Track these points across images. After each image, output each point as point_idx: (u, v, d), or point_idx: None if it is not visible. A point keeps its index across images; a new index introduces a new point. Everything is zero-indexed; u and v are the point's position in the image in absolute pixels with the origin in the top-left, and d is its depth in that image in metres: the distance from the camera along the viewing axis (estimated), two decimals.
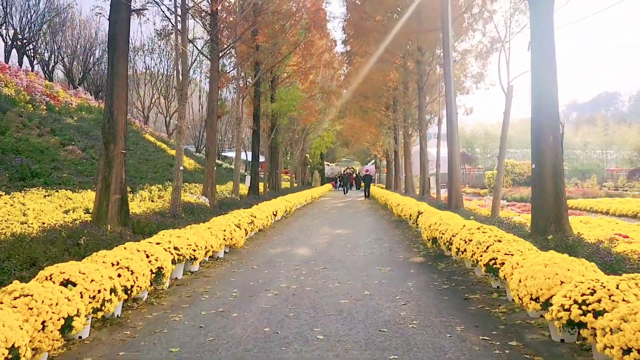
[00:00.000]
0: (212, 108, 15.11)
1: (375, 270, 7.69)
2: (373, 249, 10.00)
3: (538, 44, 7.97)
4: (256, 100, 21.95)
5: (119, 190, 8.96)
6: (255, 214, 12.13)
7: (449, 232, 7.60)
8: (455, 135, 14.52)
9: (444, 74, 15.01)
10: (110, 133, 8.86)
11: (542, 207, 7.80)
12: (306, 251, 9.93)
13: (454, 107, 14.47)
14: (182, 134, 12.41)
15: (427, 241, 8.94)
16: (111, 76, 8.97)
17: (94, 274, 4.63)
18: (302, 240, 11.61)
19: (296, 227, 14.80)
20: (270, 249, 10.35)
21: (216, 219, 9.84)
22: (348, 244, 10.86)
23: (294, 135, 38.22)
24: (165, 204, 12.56)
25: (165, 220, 10.33)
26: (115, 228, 8.46)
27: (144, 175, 16.49)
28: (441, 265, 7.85)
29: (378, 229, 13.67)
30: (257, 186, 21.94)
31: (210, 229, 8.69)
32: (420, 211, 11.53)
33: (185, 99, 12.33)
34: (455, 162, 14.41)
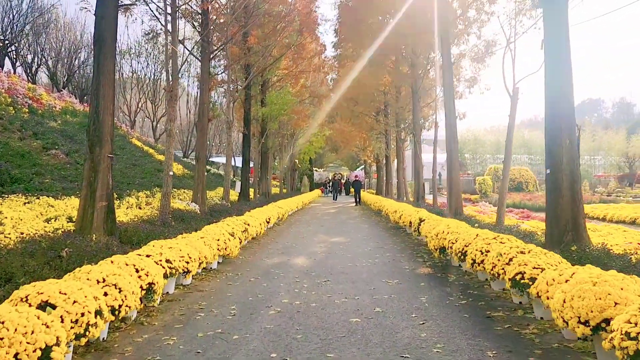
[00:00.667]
0: (203, 111, 14.53)
1: (382, 283, 7.18)
2: (375, 258, 9.49)
3: (552, 42, 7.57)
4: (247, 104, 21.40)
5: (105, 197, 8.35)
6: (248, 222, 11.56)
7: (461, 241, 7.12)
8: (455, 139, 14.12)
9: (442, 76, 14.63)
10: (95, 135, 8.26)
11: (557, 215, 7.37)
12: (304, 261, 9.38)
13: (453, 110, 14.08)
14: (171, 137, 11.82)
15: (433, 250, 8.46)
16: (97, 74, 8.38)
17: (76, 294, 4.05)
18: (299, 249, 11.06)
19: (290, 234, 14.25)
20: (265, 258, 9.79)
21: (209, 228, 9.27)
22: (347, 253, 10.34)
23: (283, 140, 37.68)
24: (154, 211, 11.94)
25: (154, 228, 9.72)
26: (100, 238, 7.85)
27: (131, 181, 15.82)
28: (452, 277, 7.36)
29: (376, 237, 13.17)
30: (247, 192, 21.36)
31: (203, 238, 8.12)
32: (421, 218, 11.07)
33: (175, 101, 11.75)
34: (454, 167, 14.00)
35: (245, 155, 21.79)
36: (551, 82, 7.63)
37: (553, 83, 7.61)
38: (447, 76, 14.23)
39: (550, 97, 7.66)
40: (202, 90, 14.71)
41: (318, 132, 45.72)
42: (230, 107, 17.88)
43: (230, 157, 17.79)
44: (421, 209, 13.11)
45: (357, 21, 21.53)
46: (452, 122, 14.02)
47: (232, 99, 17.96)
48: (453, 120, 14.04)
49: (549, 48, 7.59)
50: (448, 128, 14.12)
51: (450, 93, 14.15)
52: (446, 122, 14.20)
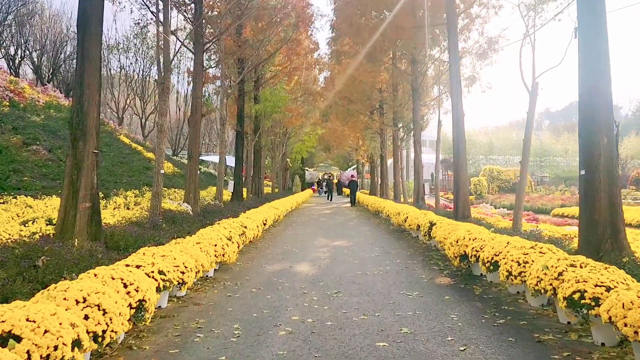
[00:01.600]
0: (196, 106, 13.66)
1: (401, 295, 6.42)
2: (385, 265, 8.72)
3: (588, 29, 6.86)
4: (240, 100, 20.55)
5: (90, 197, 7.49)
6: (245, 224, 10.75)
7: (489, 249, 6.38)
8: (462, 137, 13.41)
9: (449, 69, 13.90)
10: (79, 128, 7.39)
11: (594, 220, 6.65)
12: (308, 268, 8.60)
13: (461, 106, 13.36)
14: (163, 132, 10.97)
15: (452, 258, 7.72)
16: (81, 61, 7.50)
17: (48, 321, 3.23)
18: (300, 254, 10.27)
19: (288, 237, 13.45)
20: (265, 265, 8.99)
21: (204, 232, 8.45)
22: (353, 258, 9.57)
23: (275, 139, 36.88)
24: (144, 212, 11.07)
25: (144, 232, 8.86)
26: (83, 243, 6.99)
27: (119, 179, 14.91)
28: (478, 289, 6.62)
29: (380, 241, 12.42)
30: (240, 192, 20.51)
31: (199, 244, 7.30)
32: (432, 222, 10.33)
33: (167, 94, 10.90)
34: (462, 167, 13.29)
35: (239, 154, 20.94)
36: (586, 74, 6.92)
37: (588, 75, 6.89)
38: (454, 68, 13.52)
39: (584, 91, 6.94)
40: (195, 83, 13.86)
41: (311, 131, 45.01)
42: (224, 102, 17.02)
43: (223, 155, 16.95)
44: (428, 212, 12.39)
45: (355, 15, 20.79)
46: (459, 119, 13.31)
47: (225, 94, 17.10)
48: (460, 117, 13.33)
49: (584, 36, 6.88)
50: (455, 125, 13.41)
51: (457, 87, 13.44)
52: (453, 118, 13.49)
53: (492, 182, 39.33)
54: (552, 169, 55.02)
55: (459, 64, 13.83)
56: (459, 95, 13.50)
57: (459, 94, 13.50)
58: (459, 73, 13.64)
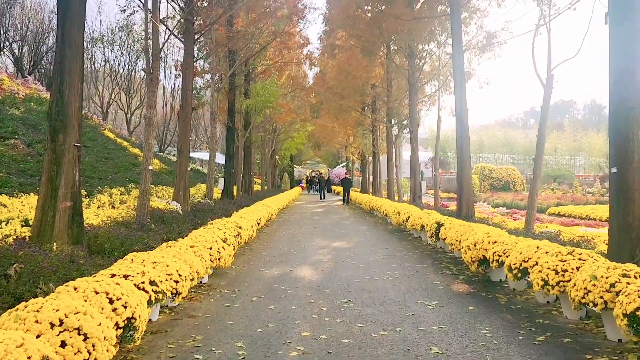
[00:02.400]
0: (186, 98, 12.90)
1: (419, 305, 5.80)
2: (393, 269, 8.11)
3: (620, 13, 6.29)
4: (231, 94, 19.78)
5: (71, 195, 6.74)
6: (240, 224, 10.06)
7: (515, 255, 5.78)
8: (466, 133, 12.85)
9: (453, 64, 13.33)
10: (59, 119, 6.63)
11: (627, 223, 6.09)
12: (311, 273, 7.95)
13: (464, 100, 12.79)
14: (151, 126, 10.22)
15: (469, 263, 7.11)
16: (61, 45, 6.74)
17: (12, 356, 2.54)
18: (299, 257, 9.61)
19: (284, 237, 12.78)
20: (263, 269, 8.32)
21: (198, 233, 7.75)
22: (357, 261, 8.94)
23: (265, 135, 36.13)
24: (130, 211, 10.32)
25: (131, 233, 8.13)
26: (63, 247, 6.25)
27: (103, 176, 14.09)
28: (502, 298, 6.02)
29: (382, 242, 11.80)
30: (231, 190, 19.77)
31: (193, 247, 6.60)
32: (439, 222, 9.74)
33: (156, 84, 10.15)
34: (465, 164, 12.73)
35: (229, 150, 20.17)
36: (618, 63, 6.35)
37: (620, 64, 6.33)
38: (457, 61, 12.95)
39: (616, 82, 6.38)
40: (185, 75, 13.10)
41: (300, 127, 44.33)
42: (214, 96, 16.26)
43: (214, 151, 16.20)
44: (432, 211, 11.81)
45: (350, 7, 20.14)
46: (462, 114, 12.75)
47: (216, 88, 16.35)
48: (464, 112, 12.77)
49: (618, 21, 6.31)
50: (458, 121, 12.84)
51: (460, 81, 12.88)
52: (456, 114, 12.93)
53: (484, 181, 39.06)
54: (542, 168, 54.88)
55: (462, 56, 13.26)
56: (463, 89, 12.94)
57: (462, 88, 12.94)
58: (462, 66, 13.06)
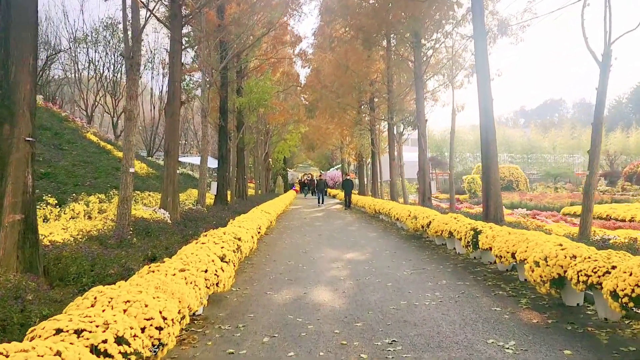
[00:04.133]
0: (174, 91, 11.32)
1: (492, 348, 4.27)
2: (432, 290, 6.58)
3: None
4: (223, 91, 18.20)
5: (21, 206, 5.15)
6: (239, 235, 8.49)
7: (624, 277, 4.28)
8: (492, 128, 11.42)
9: (475, 46, 11.87)
10: (3, 105, 5.04)
11: None
12: (330, 296, 6.40)
13: (489, 92, 11.34)
14: (132, 120, 8.63)
15: (539, 283, 5.58)
16: (6, 7, 5.15)
17: None
18: (311, 273, 8.07)
19: (288, 248, 11.22)
20: (271, 291, 6.77)
21: (189, 250, 6.18)
22: (383, 279, 7.41)
23: (258, 137, 34.57)
24: (109, 223, 8.72)
25: (106, 251, 6.53)
26: (10, 276, 4.66)
27: (81, 182, 12.45)
28: (600, 335, 4.52)
29: (401, 251, 10.27)
30: (225, 195, 18.18)
31: (184, 272, 5.04)
32: (475, 229, 8.25)
33: (137, 71, 8.57)
34: (492, 162, 11.29)
35: (222, 151, 18.58)
36: None
37: None
38: (479, 44, 11.50)
39: None
40: (172, 65, 11.51)
41: (293, 129, 42.89)
42: (205, 91, 14.68)
43: (206, 152, 14.61)
44: (459, 215, 10.31)
45: None
46: (487, 105, 11.30)
47: (207, 82, 14.77)
48: (489, 103, 11.32)
49: None
50: (483, 113, 11.38)
51: (484, 67, 11.43)
52: (480, 105, 11.47)
53: None
54: (540, 166, 53.79)
55: (485, 36, 11.79)
56: (487, 77, 11.49)
57: (486, 76, 11.49)
58: (486, 50, 11.60)
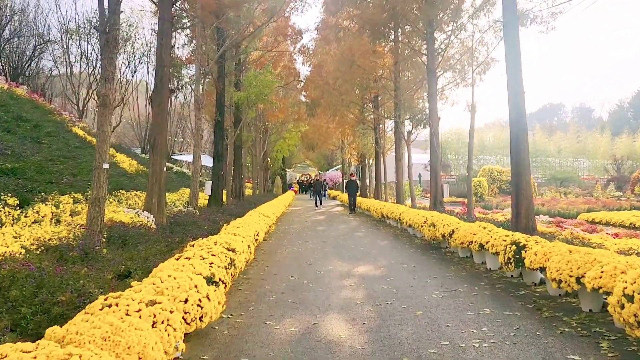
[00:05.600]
0: (162, 77, 9.91)
1: None
2: (476, 323, 5.19)
3: None
4: (220, 83, 16.78)
5: None
6: (233, 245, 7.09)
7: None
8: (523, 125, 10.05)
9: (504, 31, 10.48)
10: None
11: None
12: (347, 331, 5.01)
13: (521, 83, 9.95)
14: (107, 107, 7.21)
15: (632, 325, 4.19)
16: None
17: None
18: (318, 294, 6.66)
19: (289, 259, 9.82)
20: (271, 321, 5.38)
21: (167, 269, 4.80)
22: (409, 304, 6.00)
23: (257, 135, 33.19)
24: (77, 229, 7.29)
25: (63, 269, 5.11)
26: None
27: (55, 179, 11.00)
28: None
29: (421, 266, 8.87)
30: (220, 195, 16.76)
31: (155, 306, 3.64)
32: (518, 243, 6.86)
33: (114, 48, 7.16)
34: (523, 162, 9.92)
35: (218, 148, 17.16)
36: None
37: None
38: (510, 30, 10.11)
39: None
40: (160, 46, 10.10)
41: (293, 127, 41.54)
42: (199, 80, 13.27)
43: (199, 147, 13.20)
44: (487, 224, 8.93)
45: None
46: (518, 96, 9.93)
47: (202, 72, 13.36)
48: (520, 96, 9.94)
49: None
50: (514, 108, 10.01)
51: (515, 58, 10.05)
52: (510, 99, 10.09)
53: (492, 183, 36.37)
54: (545, 170, 52.51)
55: (517, 22, 10.39)
56: (518, 66, 10.10)
57: (517, 66, 10.10)
58: (517, 36, 10.20)
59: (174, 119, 47.70)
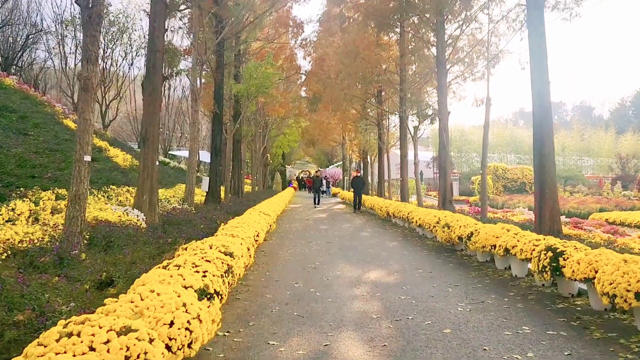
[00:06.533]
0: (154, 63, 9.07)
1: None
2: (519, 347, 4.37)
3: None
4: (218, 73, 15.92)
5: None
6: (230, 249, 6.26)
7: None
8: (548, 117, 9.24)
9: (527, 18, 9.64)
10: None
11: None
12: (366, 356, 4.20)
13: (546, 71, 9.13)
14: (90, 92, 6.38)
15: None
16: None
17: None
18: (328, 304, 5.86)
19: (292, 262, 9.01)
20: (275, 340, 4.58)
21: (150, 282, 3.99)
22: (436, 321, 5.19)
23: (257, 130, 32.33)
24: (51, 230, 6.47)
25: (29, 278, 4.29)
26: None
27: (39, 173, 10.16)
28: None
29: (439, 271, 8.05)
30: (218, 191, 15.93)
31: (129, 335, 2.82)
32: (554, 248, 6.05)
33: (97, 26, 6.33)
34: (548, 158, 9.12)
35: (216, 143, 16.31)
36: None
37: None
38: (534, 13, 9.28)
39: None
40: (153, 30, 9.26)
41: (294, 123, 40.72)
42: (196, 70, 12.43)
43: (195, 141, 12.37)
44: (510, 225, 8.13)
45: None
46: (544, 87, 9.12)
47: (199, 60, 12.52)
48: (545, 86, 9.12)
49: None
50: (537, 97, 9.19)
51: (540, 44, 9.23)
52: (534, 90, 9.27)
53: (497, 182, 35.56)
54: None
55: (543, 4, 9.54)
56: (544, 53, 9.26)
57: (543, 53, 9.27)
58: (543, 19, 9.36)
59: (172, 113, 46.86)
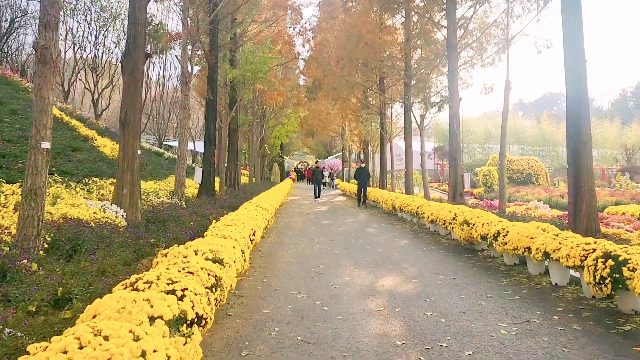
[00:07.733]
0: (135, 37, 7.92)
1: None
2: None
3: None
4: (212, 56, 14.73)
5: None
6: (220, 254, 5.15)
7: None
8: (584, 99, 8.13)
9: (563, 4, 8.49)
10: None
11: None
12: None
13: (582, 50, 8.01)
14: (48, 65, 5.25)
15: None
16: None
17: None
18: (338, 325, 4.77)
19: (293, 264, 7.92)
20: None
21: (107, 309, 2.88)
22: (480, 352, 4.12)
23: (254, 119, 31.13)
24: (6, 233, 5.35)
25: None
26: None
27: (9, 164, 9.03)
28: None
29: (465, 278, 6.96)
30: (212, 183, 14.80)
31: None
32: (615, 255, 4.97)
33: None
34: (585, 148, 8.05)
35: (210, 131, 15.15)
36: None
37: None
38: None
39: None
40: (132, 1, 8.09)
41: (292, 112, 39.48)
42: (186, 51, 11.24)
43: (186, 129, 11.23)
44: (546, 224, 7.04)
45: None
46: (580, 66, 8.03)
47: (189, 38, 11.33)
48: (582, 62, 8.01)
49: None
50: (573, 82, 8.09)
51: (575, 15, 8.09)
52: (567, 72, 8.16)
53: None
54: (552, 159, 50.58)
55: None
56: (579, 26, 8.13)
57: (578, 25, 8.13)
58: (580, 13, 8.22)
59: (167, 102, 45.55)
